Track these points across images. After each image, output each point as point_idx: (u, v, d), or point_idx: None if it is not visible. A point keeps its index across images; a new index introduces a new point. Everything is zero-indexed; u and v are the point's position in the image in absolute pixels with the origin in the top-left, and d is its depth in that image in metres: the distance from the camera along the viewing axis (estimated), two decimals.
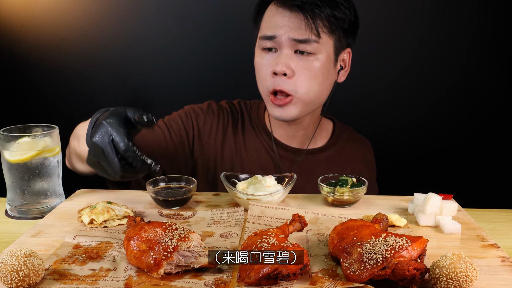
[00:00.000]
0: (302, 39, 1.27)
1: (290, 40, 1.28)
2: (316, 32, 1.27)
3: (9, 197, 1.17)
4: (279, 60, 1.29)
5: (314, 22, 1.27)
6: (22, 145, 1.12)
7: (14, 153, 1.12)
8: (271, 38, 1.30)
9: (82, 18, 2.24)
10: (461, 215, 1.11)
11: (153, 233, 0.85)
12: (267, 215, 1.08)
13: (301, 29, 1.27)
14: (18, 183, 1.14)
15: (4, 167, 1.15)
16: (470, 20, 2.15)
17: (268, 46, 1.32)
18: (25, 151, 1.12)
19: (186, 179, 1.21)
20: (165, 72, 2.28)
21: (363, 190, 1.15)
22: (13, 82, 2.32)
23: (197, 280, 0.81)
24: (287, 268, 0.78)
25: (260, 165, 1.45)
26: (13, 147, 1.12)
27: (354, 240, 0.84)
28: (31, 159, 1.13)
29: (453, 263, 0.76)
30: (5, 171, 1.15)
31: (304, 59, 1.29)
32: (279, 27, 1.28)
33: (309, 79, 1.30)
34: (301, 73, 1.29)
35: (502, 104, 2.22)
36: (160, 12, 2.22)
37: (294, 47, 1.29)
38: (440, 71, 2.20)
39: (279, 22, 1.29)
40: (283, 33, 1.28)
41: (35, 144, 1.13)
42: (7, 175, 1.15)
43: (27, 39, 2.27)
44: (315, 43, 1.28)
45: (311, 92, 1.32)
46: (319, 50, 1.29)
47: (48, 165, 1.16)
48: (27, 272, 0.76)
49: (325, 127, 1.53)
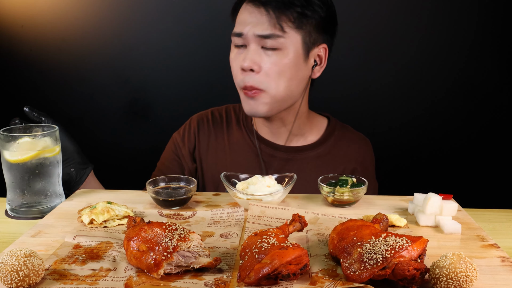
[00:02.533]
0: (265, 35, 1.29)
1: (255, 36, 1.30)
2: (279, 27, 1.28)
3: (9, 197, 1.16)
4: (246, 56, 1.31)
5: (278, 17, 1.28)
6: (22, 145, 1.12)
7: (14, 153, 1.12)
8: (239, 35, 1.32)
9: (82, 18, 2.24)
10: (461, 215, 1.10)
11: (153, 234, 0.85)
12: (267, 215, 1.08)
13: (264, 25, 1.29)
14: (18, 183, 1.14)
15: (4, 167, 1.15)
16: (470, 20, 2.15)
17: (238, 44, 1.34)
18: (25, 151, 1.12)
19: (186, 179, 1.20)
20: (165, 72, 2.28)
21: (363, 190, 1.15)
22: (13, 82, 2.32)
23: (197, 280, 0.81)
24: (287, 268, 0.78)
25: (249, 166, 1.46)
26: (13, 147, 1.11)
27: (354, 240, 0.84)
28: (31, 159, 1.12)
29: (453, 263, 0.76)
30: (5, 171, 1.15)
31: (270, 54, 1.30)
32: (245, 24, 1.31)
33: (277, 74, 1.31)
34: (268, 68, 1.30)
35: (502, 104, 2.22)
36: (160, 12, 2.22)
37: (260, 43, 1.30)
38: (440, 71, 2.21)
39: (246, 19, 1.32)
40: (248, 29, 1.30)
41: (35, 144, 1.13)
42: (7, 175, 1.15)
43: (27, 39, 2.27)
44: (280, 38, 1.29)
45: (280, 87, 1.32)
46: (285, 45, 1.30)
47: (48, 165, 1.15)
48: (27, 272, 0.76)
49: (317, 124, 1.52)
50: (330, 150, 1.48)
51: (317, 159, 1.47)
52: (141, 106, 2.33)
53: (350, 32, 2.17)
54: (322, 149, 1.48)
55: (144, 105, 2.33)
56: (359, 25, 2.18)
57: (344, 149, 1.49)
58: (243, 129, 1.50)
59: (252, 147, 1.48)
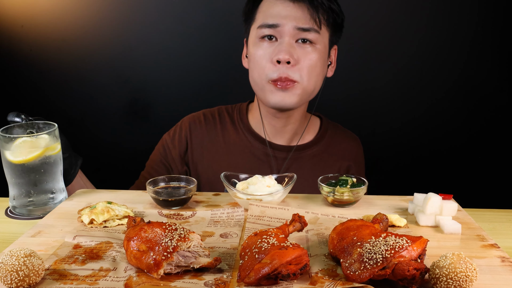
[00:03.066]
0: (306, 28, 1.31)
1: (294, 29, 1.31)
2: (318, 22, 1.32)
3: (14, 196, 1.16)
4: (281, 48, 1.31)
5: (317, 12, 1.31)
6: (24, 145, 1.11)
7: (17, 154, 1.11)
8: (273, 27, 1.32)
9: (82, 18, 2.24)
10: (461, 215, 1.10)
11: (153, 234, 0.85)
12: (267, 215, 1.08)
13: (305, 19, 1.31)
14: (23, 184, 1.13)
15: (6, 168, 1.14)
16: (470, 20, 2.15)
17: (267, 34, 1.34)
18: (28, 151, 1.11)
19: (186, 179, 1.20)
20: (165, 72, 2.28)
21: (363, 190, 1.15)
22: (13, 82, 2.32)
23: (197, 280, 0.81)
24: (287, 268, 0.78)
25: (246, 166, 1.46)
26: (15, 147, 1.11)
27: (354, 240, 0.84)
28: (35, 159, 1.12)
29: (453, 263, 0.76)
30: (8, 172, 1.14)
31: (304, 47, 1.33)
32: (282, 17, 1.32)
33: (310, 67, 1.33)
34: (303, 61, 1.32)
35: (502, 104, 2.22)
36: (160, 12, 2.22)
37: (296, 36, 1.32)
38: (440, 71, 2.21)
39: (281, 11, 1.32)
40: (286, 22, 1.31)
41: (37, 143, 1.12)
42: (10, 176, 1.14)
43: (27, 39, 2.27)
44: (316, 33, 1.32)
45: (312, 80, 1.35)
46: (318, 40, 1.33)
47: (52, 164, 1.15)
48: (27, 272, 0.76)
49: (312, 123, 1.54)
50: (325, 149, 1.51)
51: (314, 157, 1.49)
52: (141, 106, 2.33)
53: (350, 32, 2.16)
54: (318, 147, 1.50)
55: (144, 105, 2.32)
56: (359, 25, 2.18)
57: (337, 146, 1.52)
58: (239, 130, 1.50)
59: (250, 147, 1.48)
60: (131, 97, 2.32)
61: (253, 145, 1.48)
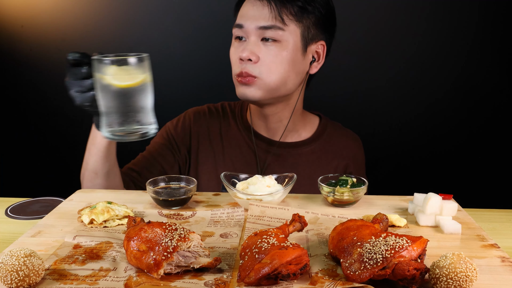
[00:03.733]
0: (267, 26, 1.33)
1: (256, 28, 1.34)
2: (280, 19, 1.33)
3: (109, 124, 1.08)
4: (245, 47, 1.35)
5: (279, 9, 1.32)
6: (128, 70, 1.05)
7: (124, 78, 1.05)
8: (240, 27, 1.37)
9: (82, 18, 2.24)
10: (461, 215, 1.10)
11: (153, 234, 0.85)
12: (267, 215, 1.08)
13: (266, 16, 1.33)
14: (124, 109, 1.07)
15: (107, 94, 1.06)
16: (470, 20, 2.15)
17: (238, 35, 1.38)
18: (133, 76, 1.06)
19: (186, 179, 1.21)
20: (165, 72, 2.28)
21: (363, 190, 1.15)
22: (13, 82, 2.32)
23: (197, 280, 0.81)
24: (287, 268, 0.78)
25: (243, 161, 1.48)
26: (120, 70, 1.04)
27: (354, 240, 0.84)
28: (140, 83, 1.07)
29: (453, 263, 0.76)
30: (108, 97, 1.06)
31: (269, 45, 1.34)
32: (247, 17, 1.35)
33: (273, 64, 1.35)
34: (265, 58, 1.34)
35: (502, 103, 2.22)
36: (160, 12, 2.22)
37: (260, 35, 1.34)
38: (440, 70, 2.21)
39: (248, 11, 1.36)
40: (250, 23, 1.34)
41: (141, 68, 1.07)
42: (108, 101, 1.06)
43: (27, 39, 2.26)
44: (280, 30, 1.33)
45: (274, 76, 1.35)
46: (284, 38, 1.34)
47: (149, 90, 1.12)
48: (27, 272, 0.76)
49: (310, 121, 1.56)
50: (324, 146, 1.51)
51: (312, 155, 1.50)
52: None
53: (350, 31, 2.17)
54: (316, 145, 1.51)
55: None
56: (359, 25, 2.18)
57: (336, 145, 1.53)
58: (238, 125, 1.54)
59: (248, 142, 1.50)
60: None
61: (251, 140, 1.50)
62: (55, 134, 2.37)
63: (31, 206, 1.29)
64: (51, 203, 1.30)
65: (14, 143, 2.40)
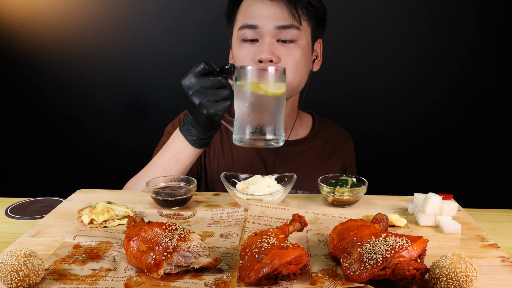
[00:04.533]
0: (285, 25, 1.31)
1: (274, 28, 1.31)
2: (298, 19, 1.31)
3: (242, 129, 1.09)
4: (263, 48, 1.31)
5: (296, 8, 1.31)
6: (280, 79, 1.08)
7: (279, 86, 1.07)
8: (253, 28, 1.32)
9: (82, 18, 2.24)
10: (461, 215, 1.10)
11: (153, 234, 0.85)
12: (267, 215, 1.08)
13: (284, 16, 1.31)
14: (272, 116, 1.09)
15: (254, 102, 1.07)
16: (470, 20, 2.15)
17: (249, 37, 1.33)
18: (279, 85, 1.08)
19: (186, 179, 1.20)
20: (165, 72, 2.28)
21: (363, 190, 1.15)
22: (13, 82, 2.32)
23: (197, 280, 0.81)
24: (287, 268, 0.78)
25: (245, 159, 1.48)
26: (276, 80, 1.07)
27: (354, 240, 0.84)
28: (284, 93, 1.09)
29: (453, 263, 0.76)
30: (256, 106, 1.07)
31: (286, 46, 1.33)
32: (261, 17, 1.31)
33: (294, 64, 1.33)
34: (286, 59, 1.32)
35: (502, 104, 2.22)
36: (160, 12, 2.22)
37: (276, 35, 1.32)
38: (441, 70, 2.21)
39: (260, 11, 1.32)
40: (265, 23, 1.31)
41: (284, 79, 1.09)
42: (252, 109, 1.08)
43: (27, 39, 2.27)
44: (296, 30, 1.32)
45: (296, 77, 1.35)
46: (300, 37, 1.33)
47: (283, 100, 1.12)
48: (27, 272, 0.76)
49: (305, 119, 1.57)
50: (321, 143, 1.53)
51: (312, 151, 1.51)
52: (141, 106, 2.33)
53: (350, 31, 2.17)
54: (314, 142, 1.52)
55: (144, 105, 2.32)
56: (359, 25, 2.18)
57: (332, 141, 1.55)
58: None
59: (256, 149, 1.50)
60: (130, 97, 2.32)
61: None
62: (55, 134, 2.37)
63: (31, 206, 1.28)
64: (51, 203, 1.30)
65: (14, 142, 2.40)
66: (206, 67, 1.12)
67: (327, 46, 1.50)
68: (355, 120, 2.20)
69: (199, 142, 1.23)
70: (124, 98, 2.32)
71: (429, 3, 2.15)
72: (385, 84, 2.24)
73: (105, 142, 2.36)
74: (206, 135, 1.22)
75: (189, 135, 1.23)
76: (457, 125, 2.26)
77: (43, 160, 2.41)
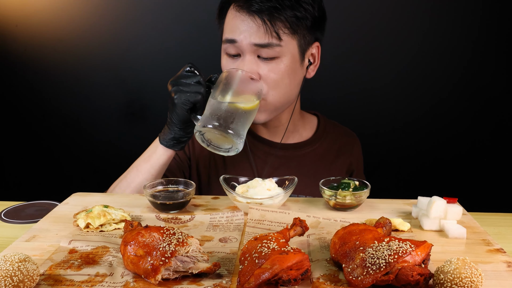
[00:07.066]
0: (263, 44, 1.25)
1: (251, 45, 1.26)
2: (276, 36, 1.25)
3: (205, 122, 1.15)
4: (243, 66, 1.27)
5: (274, 25, 1.24)
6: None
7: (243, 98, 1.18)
8: (233, 42, 1.28)
9: (78, 18, 2.23)
10: (466, 219, 1.09)
11: (151, 238, 0.84)
12: (267, 219, 1.07)
13: (261, 34, 1.25)
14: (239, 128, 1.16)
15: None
16: (474, 19, 2.15)
17: (232, 53, 1.30)
18: (251, 98, 1.20)
19: (184, 182, 1.20)
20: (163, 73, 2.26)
21: (366, 193, 1.14)
22: (7, 83, 2.31)
23: (196, 286, 0.80)
24: (288, 274, 0.77)
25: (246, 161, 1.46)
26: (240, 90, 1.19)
27: (357, 244, 0.84)
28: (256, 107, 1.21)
29: (458, 268, 0.76)
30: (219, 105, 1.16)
31: (268, 63, 1.27)
32: (239, 31, 1.26)
33: (275, 81, 1.29)
34: (267, 76, 1.28)
35: (508, 106, 2.21)
36: (159, 12, 2.22)
37: (256, 52, 1.27)
38: (445, 71, 2.20)
39: (239, 26, 1.27)
40: (243, 38, 1.26)
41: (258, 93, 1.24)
42: (218, 109, 1.16)
43: (21, 39, 2.26)
44: (277, 47, 1.26)
45: (279, 94, 1.31)
46: (282, 53, 1.27)
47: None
48: (21, 278, 0.75)
49: (309, 121, 1.54)
50: (326, 145, 1.51)
51: (315, 154, 1.49)
52: (138, 107, 2.32)
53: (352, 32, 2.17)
54: (318, 144, 1.50)
55: (141, 106, 2.32)
56: (362, 25, 2.17)
57: (338, 143, 1.52)
58: None
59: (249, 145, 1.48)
60: (128, 98, 2.31)
61: (252, 143, 1.48)
62: (50, 135, 2.36)
63: (26, 210, 1.27)
64: (46, 207, 1.29)
65: (8, 144, 2.39)
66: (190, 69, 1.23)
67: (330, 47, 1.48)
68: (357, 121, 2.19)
69: (170, 142, 1.28)
70: (121, 99, 2.31)
71: (432, 2, 2.14)
72: (388, 85, 2.23)
73: (102, 144, 2.35)
74: (177, 134, 1.26)
75: (162, 134, 1.29)
76: (462, 127, 2.25)
77: (38, 162, 2.40)
